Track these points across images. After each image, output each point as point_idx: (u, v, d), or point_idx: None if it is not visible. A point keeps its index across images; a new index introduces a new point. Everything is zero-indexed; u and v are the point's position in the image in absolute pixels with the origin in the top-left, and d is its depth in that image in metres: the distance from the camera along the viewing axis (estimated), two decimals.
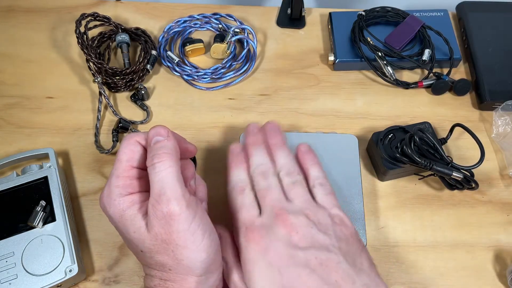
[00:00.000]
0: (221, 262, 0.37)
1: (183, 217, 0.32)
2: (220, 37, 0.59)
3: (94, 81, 0.54)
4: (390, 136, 0.48)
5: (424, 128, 0.49)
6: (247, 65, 0.59)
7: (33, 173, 0.46)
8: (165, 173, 0.33)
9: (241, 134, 0.49)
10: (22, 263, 0.42)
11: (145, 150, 0.36)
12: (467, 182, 0.46)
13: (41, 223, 0.43)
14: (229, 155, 0.43)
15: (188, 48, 0.59)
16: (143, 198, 0.35)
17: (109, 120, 0.54)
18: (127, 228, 0.34)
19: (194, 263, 0.33)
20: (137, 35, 0.60)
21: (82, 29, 0.55)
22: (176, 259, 0.33)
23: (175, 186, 0.33)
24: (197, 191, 0.41)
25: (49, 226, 0.44)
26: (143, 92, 0.55)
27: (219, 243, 0.36)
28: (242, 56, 0.59)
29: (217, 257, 0.36)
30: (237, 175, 0.41)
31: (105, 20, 0.58)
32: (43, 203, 0.44)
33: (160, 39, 0.60)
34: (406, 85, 0.57)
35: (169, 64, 0.58)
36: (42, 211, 0.43)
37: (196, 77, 0.57)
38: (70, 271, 0.41)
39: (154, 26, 0.63)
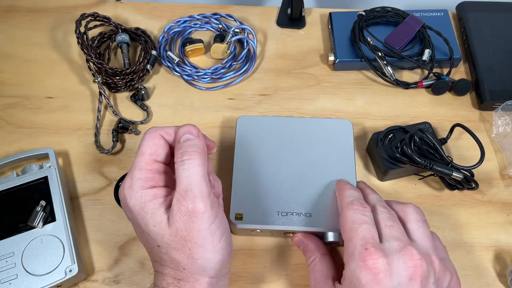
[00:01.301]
0: (231, 267, 0.37)
1: (206, 216, 0.33)
2: (220, 37, 0.59)
3: (94, 81, 0.54)
4: (390, 136, 0.48)
5: (424, 128, 0.49)
6: (247, 65, 0.59)
7: (33, 173, 0.46)
8: (194, 170, 0.33)
9: (237, 118, 0.50)
10: (22, 263, 0.42)
11: (167, 145, 0.37)
12: (467, 182, 0.46)
13: (41, 223, 0.43)
14: (342, 182, 0.44)
15: (188, 48, 0.59)
16: (165, 192, 0.35)
17: (109, 120, 0.54)
18: (146, 221, 0.34)
19: (208, 264, 0.34)
20: (137, 35, 0.60)
21: (82, 29, 0.55)
22: (192, 257, 0.33)
23: (202, 184, 0.33)
24: (214, 187, 0.41)
25: (49, 226, 0.44)
26: (143, 92, 0.55)
27: (232, 247, 0.36)
28: (242, 56, 0.59)
29: (230, 261, 0.36)
30: (353, 194, 0.40)
31: (105, 20, 0.58)
32: (43, 203, 0.44)
33: (160, 39, 0.60)
34: (406, 85, 0.57)
35: (169, 64, 0.58)
36: (42, 211, 0.43)
37: (196, 77, 0.57)
38: (70, 271, 0.41)
39: (154, 26, 0.63)
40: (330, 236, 0.43)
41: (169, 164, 0.38)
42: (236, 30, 0.59)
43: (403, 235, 0.36)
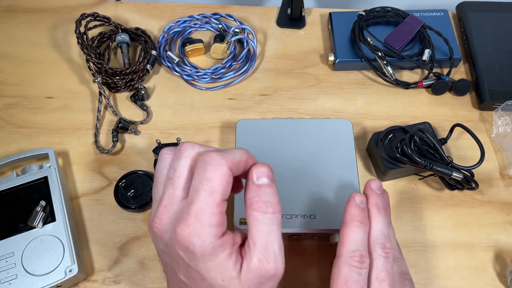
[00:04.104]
0: None
1: (279, 278, 0.30)
2: (220, 37, 0.59)
3: (94, 81, 0.54)
4: (390, 136, 0.48)
5: (424, 128, 0.49)
6: (247, 65, 0.59)
7: (33, 173, 0.46)
8: (276, 227, 0.30)
9: (237, 122, 0.49)
10: (22, 263, 0.42)
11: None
12: (467, 182, 0.46)
13: (41, 223, 0.43)
14: (352, 207, 0.36)
15: (188, 48, 0.59)
16: (231, 240, 0.30)
17: (109, 120, 0.54)
18: (214, 274, 0.29)
19: None
20: (137, 35, 0.60)
21: (82, 29, 0.55)
22: None
23: (281, 243, 0.30)
24: None
25: (49, 226, 0.44)
26: (143, 92, 0.55)
27: None
28: (242, 56, 0.59)
29: None
30: (357, 238, 0.35)
31: (105, 20, 0.58)
32: (43, 203, 0.44)
33: (160, 39, 0.60)
34: (406, 85, 0.57)
35: (169, 64, 0.58)
36: (42, 211, 0.43)
37: (196, 77, 0.57)
38: (70, 271, 0.41)
39: (154, 26, 0.63)
40: (338, 238, 0.43)
41: (249, 211, 0.32)
42: (236, 30, 0.59)
43: None
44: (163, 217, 0.30)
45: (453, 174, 0.45)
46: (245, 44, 0.59)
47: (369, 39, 0.57)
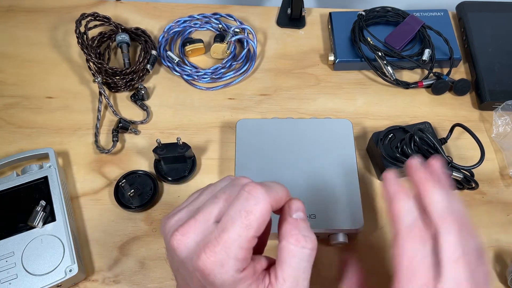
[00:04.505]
0: None
1: None
2: (220, 37, 0.59)
3: (94, 81, 0.54)
4: (390, 136, 0.48)
5: (424, 128, 0.49)
6: (247, 65, 0.59)
7: (33, 173, 0.46)
8: (310, 265, 0.28)
9: (237, 122, 0.50)
10: (22, 263, 0.42)
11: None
12: (467, 182, 0.46)
13: (41, 223, 0.43)
14: (389, 184, 0.34)
15: (188, 48, 0.59)
16: (253, 270, 0.29)
17: (109, 120, 0.54)
18: None
19: None
20: (137, 35, 0.60)
21: (82, 29, 0.55)
22: None
23: (309, 282, 0.29)
24: None
25: (49, 226, 0.44)
26: (143, 92, 0.55)
27: None
28: (242, 56, 0.59)
29: None
30: (410, 211, 0.32)
31: (105, 20, 0.58)
32: (43, 203, 0.44)
33: (160, 39, 0.60)
34: (406, 85, 0.57)
35: (169, 64, 0.58)
36: (42, 211, 0.43)
37: (196, 77, 0.57)
38: (70, 271, 0.41)
39: (154, 26, 0.63)
40: (340, 237, 0.43)
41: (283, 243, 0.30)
42: (236, 30, 0.59)
43: (466, 278, 0.29)
44: (190, 232, 0.28)
45: (453, 174, 0.45)
46: (245, 44, 0.59)
47: (369, 39, 0.57)
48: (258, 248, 0.32)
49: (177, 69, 0.58)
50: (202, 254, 0.27)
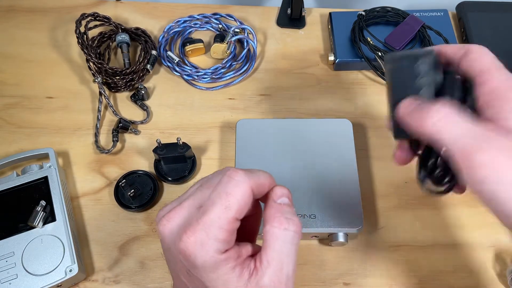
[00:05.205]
0: None
1: None
2: (220, 37, 0.59)
3: (94, 81, 0.54)
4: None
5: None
6: (247, 65, 0.59)
7: (33, 173, 0.46)
8: (295, 248, 0.29)
9: (237, 122, 0.50)
10: (22, 263, 0.42)
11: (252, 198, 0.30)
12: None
13: (41, 223, 0.43)
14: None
15: (188, 48, 0.59)
16: (236, 254, 0.29)
17: (109, 120, 0.54)
18: (216, 284, 0.29)
19: None
20: (137, 35, 0.60)
21: (82, 29, 0.55)
22: None
23: (295, 266, 0.29)
24: None
25: (49, 226, 0.44)
26: (143, 92, 0.55)
27: None
28: (242, 56, 0.59)
29: None
30: None
31: (105, 20, 0.58)
32: (43, 203, 0.44)
33: (160, 39, 0.60)
34: None
35: (169, 64, 0.58)
36: (42, 211, 0.43)
37: (196, 77, 0.57)
38: (70, 271, 0.41)
39: (154, 26, 0.63)
40: (340, 237, 0.43)
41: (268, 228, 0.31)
42: (236, 30, 0.59)
43: None
44: (175, 217, 0.29)
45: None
46: (245, 44, 0.59)
47: (369, 39, 0.57)
48: (249, 237, 0.33)
49: (177, 69, 0.58)
50: (183, 235, 0.28)
